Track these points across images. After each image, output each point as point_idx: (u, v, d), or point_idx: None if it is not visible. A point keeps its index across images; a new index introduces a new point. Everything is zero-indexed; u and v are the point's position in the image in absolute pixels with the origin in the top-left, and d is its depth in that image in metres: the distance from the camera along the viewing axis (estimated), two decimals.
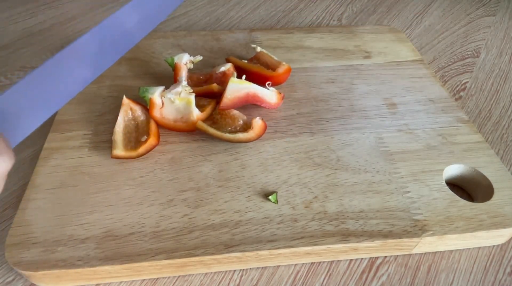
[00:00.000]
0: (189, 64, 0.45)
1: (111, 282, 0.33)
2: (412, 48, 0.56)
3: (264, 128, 0.41)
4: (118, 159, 0.38)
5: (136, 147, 0.38)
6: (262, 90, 0.43)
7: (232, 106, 0.42)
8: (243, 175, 0.38)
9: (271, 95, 0.44)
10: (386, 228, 0.34)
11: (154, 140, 0.39)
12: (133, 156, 0.38)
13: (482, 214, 0.35)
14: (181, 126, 0.41)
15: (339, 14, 0.70)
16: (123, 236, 0.33)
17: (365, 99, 0.47)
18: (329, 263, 0.35)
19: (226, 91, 0.41)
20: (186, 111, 0.40)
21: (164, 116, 0.41)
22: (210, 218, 0.34)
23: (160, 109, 0.41)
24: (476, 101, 0.53)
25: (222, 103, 0.41)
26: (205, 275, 0.34)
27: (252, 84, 0.43)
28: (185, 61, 0.44)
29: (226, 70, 0.45)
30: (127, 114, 0.41)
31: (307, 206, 0.35)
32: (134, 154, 0.38)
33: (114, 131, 0.39)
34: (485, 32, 0.67)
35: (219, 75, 0.45)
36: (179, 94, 0.40)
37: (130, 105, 0.41)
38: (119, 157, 0.38)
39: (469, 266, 0.35)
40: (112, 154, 0.38)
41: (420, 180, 0.38)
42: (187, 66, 0.44)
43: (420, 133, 0.43)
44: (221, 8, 0.70)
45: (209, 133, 0.40)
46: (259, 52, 0.49)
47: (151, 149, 0.39)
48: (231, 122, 0.42)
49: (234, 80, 0.42)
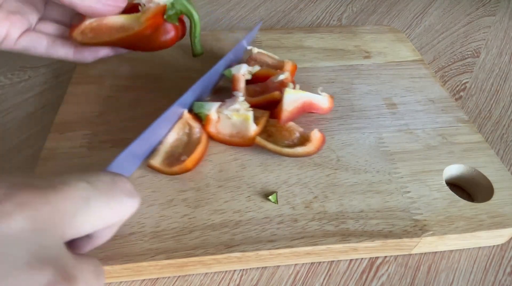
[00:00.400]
0: (247, 75, 0.43)
1: (111, 282, 0.33)
2: (412, 48, 0.56)
3: (323, 140, 0.39)
4: (152, 169, 0.37)
5: (172, 164, 0.37)
6: (315, 96, 0.42)
7: (292, 118, 0.40)
8: (243, 175, 0.38)
9: (324, 100, 0.43)
10: (386, 228, 0.34)
11: (189, 165, 0.37)
12: (166, 172, 0.37)
13: (482, 214, 0.35)
14: (237, 141, 0.39)
15: (339, 14, 0.70)
16: (123, 236, 0.33)
17: (365, 99, 0.47)
18: (329, 263, 0.35)
19: (284, 103, 0.39)
20: (243, 127, 0.39)
21: (219, 131, 0.40)
22: (210, 218, 0.34)
23: (216, 124, 0.40)
24: (476, 101, 0.53)
25: (282, 116, 0.40)
26: (205, 275, 0.34)
27: (306, 92, 0.41)
28: (243, 72, 0.43)
29: (284, 79, 0.43)
30: (184, 128, 0.40)
31: (307, 206, 0.35)
32: (167, 171, 0.37)
33: (162, 142, 0.38)
34: (485, 32, 0.67)
35: (276, 85, 0.43)
36: (237, 111, 0.39)
37: (188, 121, 0.40)
38: (154, 168, 0.37)
39: (469, 266, 0.35)
40: (149, 163, 0.37)
41: (420, 180, 0.38)
42: (245, 77, 0.43)
43: (420, 133, 0.43)
44: (221, 8, 0.70)
45: (268, 148, 0.38)
46: (256, 53, 0.48)
47: (184, 172, 0.37)
48: (287, 135, 0.40)
49: (289, 91, 0.40)
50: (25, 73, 0.53)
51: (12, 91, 0.50)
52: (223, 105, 0.40)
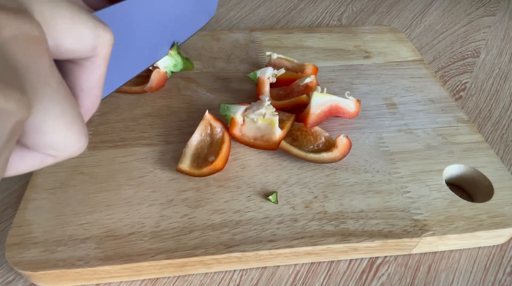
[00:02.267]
0: (272, 78, 0.43)
1: (111, 282, 0.33)
2: (412, 48, 0.56)
3: (349, 146, 0.38)
4: (181, 173, 0.37)
5: (201, 166, 0.37)
6: (343, 100, 0.41)
7: (319, 121, 0.40)
8: (243, 175, 0.38)
9: (351, 104, 0.42)
10: (386, 228, 0.34)
11: (219, 164, 0.37)
12: (196, 175, 0.37)
13: (482, 214, 0.35)
14: (262, 144, 0.39)
15: (339, 14, 0.70)
16: (123, 236, 0.33)
17: (365, 99, 0.47)
18: (329, 263, 0.35)
19: (311, 106, 0.39)
20: (268, 131, 0.39)
21: (244, 133, 0.40)
22: (210, 218, 0.34)
23: (240, 127, 0.39)
24: (476, 101, 0.53)
25: (309, 120, 0.39)
26: (205, 275, 0.34)
27: (333, 96, 0.40)
28: (268, 75, 0.43)
29: (309, 83, 0.43)
30: (206, 129, 0.39)
31: (307, 206, 0.35)
32: (197, 173, 0.37)
33: (187, 144, 0.38)
34: (485, 32, 0.67)
35: (302, 88, 0.43)
36: (263, 115, 0.38)
37: (210, 122, 0.39)
38: (184, 172, 0.37)
39: (469, 266, 0.35)
40: (178, 167, 0.37)
41: (420, 180, 0.38)
42: (270, 80, 0.43)
43: (420, 133, 0.43)
44: (221, 8, 0.70)
45: (293, 153, 0.38)
46: (275, 59, 0.48)
47: (214, 173, 0.37)
48: (313, 139, 0.40)
49: (317, 94, 0.39)
50: None
51: None
52: (248, 108, 0.39)
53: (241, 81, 0.49)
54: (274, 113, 0.38)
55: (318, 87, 0.41)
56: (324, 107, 0.40)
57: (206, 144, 0.39)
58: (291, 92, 0.44)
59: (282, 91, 0.45)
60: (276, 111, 0.39)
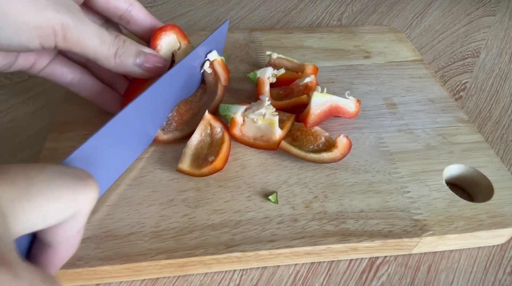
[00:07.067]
0: (272, 78, 0.43)
1: (111, 282, 0.33)
2: (412, 48, 0.56)
3: (349, 146, 0.38)
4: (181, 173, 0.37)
5: (201, 166, 0.37)
6: (343, 100, 0.41)
7: (319, 121, 0.40)
8: (243, 175, 0.38)
9: (351, 104, 0.42)
10: (386, 228, 0.34)
11: (219, 164, 0.37)
12: (196, 175, 0.37)
13: (482, 214, 0.35)
14: (261, 144, 0.39)
15: (339, 14, 0.70)
16: (123, 236, 0.33)
17: (365, 99, 0.47)
18: (329, 263, 0.35)
19: (311, 106, 0.39)
20: (268, 131, 0.38)
21: (244, 133, 0.40)
22: (210, 218, 0.34)
23: (240, 127, 0.39)
24: (476, 101, 0.53)
25: (309, 120, 0.39)
26: (205, 275, 0.34)
27: (333, 96, 0.40)
28: (268, 75, 0.43)
29: (309, 83, 0.43)
30: (206, 129, 0.39)
31: (307, 206, 0.35)
32: (197, 173, 0.37)
33: (187, 144, 0.38)
34: (485, 32, 0.67)
35: (302, 88, 0.43)
36: (263, 115, 0.38)
37: (210, 121, 0.39)
38: (184, 172, 0.37)
39: (469, 266, 0.35)
40: (178, 167, 0.37)
41: (420, 180, 0.38)
42: (270, 80, 0.43)
43: (420, 133, 0.43)
44: (221, 8, 0.70)
45: (293, 153, 0.38)
46: (275, 58, 0.48)
47: (214, 173, 0.37)
48: (313, 139, 0.40)
49: (317, 94, 0.39)
50: (25, 73, 0.53)
51: (12, 91, 0.50)
52: (248, 108, 0.39)
53: (241, 81, 0.49)
54: (274, 113, 0.38)
55: (318, 87, 0.41)
56: (324, 107, 0.40)
57: (206, 144, 0.39)
58: (291, 92, 0.44)
59: (282, 91, 0.45)
60: (276, 111, 0.39)
